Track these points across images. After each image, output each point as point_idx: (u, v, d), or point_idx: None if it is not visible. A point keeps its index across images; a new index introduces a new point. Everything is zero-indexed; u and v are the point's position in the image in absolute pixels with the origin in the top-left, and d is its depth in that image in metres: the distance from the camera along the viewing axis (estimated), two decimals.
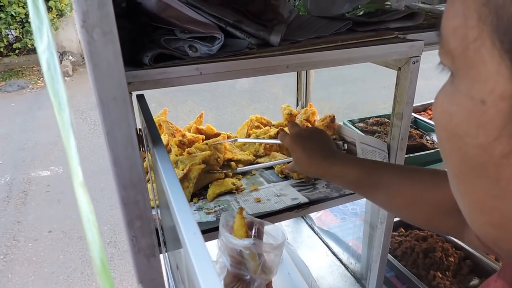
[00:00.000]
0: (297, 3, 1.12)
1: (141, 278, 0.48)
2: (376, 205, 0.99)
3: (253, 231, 0.67)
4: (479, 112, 0.24)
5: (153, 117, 1.14)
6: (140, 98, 0.62)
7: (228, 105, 4.94)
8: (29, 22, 5.94)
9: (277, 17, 0.81)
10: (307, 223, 1.55)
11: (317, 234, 1.48)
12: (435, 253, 1.19)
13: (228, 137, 1.14)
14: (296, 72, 1.37)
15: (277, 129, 1.11)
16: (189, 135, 1.04)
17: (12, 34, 6.16)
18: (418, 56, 0.83)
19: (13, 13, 5.79)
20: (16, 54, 6.26)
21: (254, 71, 0.67)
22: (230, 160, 1.01)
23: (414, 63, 0.83)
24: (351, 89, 5.05)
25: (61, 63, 6.37)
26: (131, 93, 0.59)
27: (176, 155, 0.99)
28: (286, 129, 1.15)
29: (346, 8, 1.01)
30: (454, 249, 1.23)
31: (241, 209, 0.67)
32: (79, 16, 0.34)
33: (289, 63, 0.70)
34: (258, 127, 1.21)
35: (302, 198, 0.92)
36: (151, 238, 0.47)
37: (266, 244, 0.66)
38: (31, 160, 3.75)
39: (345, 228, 1.41)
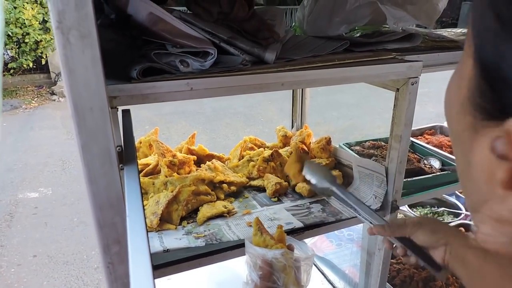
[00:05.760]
0: (293, 24, 1.11)
1: None
2: None
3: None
4: (459, 86, 0.32)
5: (144, 137, 1.11)
6: (125, 113, 0.59)
7: (222, 128, 4.91)
8: (25, 43, 5.97)
9: (273, 36, 0.79)
10: None
11: None
12: (435, 282, 1.14)
13: (221, 159, 1.11)
14: (291, 94, 1.35)
15: (271, 151, 1.08)
16: (180, 156, 1.00)
17: (7, 54, 6.16)
18: (417, 77, 0.81)
19: (10, 33, 5.81)
20: (11, 74, 6.24)
21: (247, 88, 0.65)
22: (222, 182, 0.97)
23: (413, 84, 0.81)
24: (345, 114, 5.07)
25: (56, 84, 6.35)
26: (117, 108, 0.56)
27: (166, 176, 0.94)
28: (281, 151, 1.12)
29: (343, 30, 1.00)
30: (454, 278, 1.18)
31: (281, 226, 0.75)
32: (54, 16, 0.31)
33: (284, 80, 0.67)
34: (251, 149, 1.18)
35: (296, 223, 0.87)
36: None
37: (296, 255, 0.66)
38: (20, 181, 3.65)
39: (341, 254, 1.36)
